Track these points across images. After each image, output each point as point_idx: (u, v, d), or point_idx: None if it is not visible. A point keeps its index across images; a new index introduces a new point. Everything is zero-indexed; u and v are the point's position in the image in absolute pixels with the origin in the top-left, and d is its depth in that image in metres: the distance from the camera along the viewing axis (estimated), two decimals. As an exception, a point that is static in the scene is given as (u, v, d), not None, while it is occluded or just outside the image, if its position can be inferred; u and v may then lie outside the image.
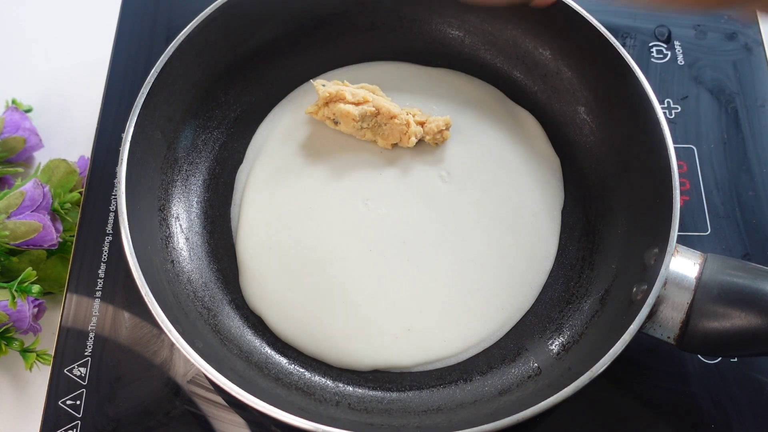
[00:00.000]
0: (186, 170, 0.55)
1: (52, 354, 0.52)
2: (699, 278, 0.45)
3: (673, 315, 0.45)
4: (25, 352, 0.52)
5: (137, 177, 0.49)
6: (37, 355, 0.52)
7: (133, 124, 0.49)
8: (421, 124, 0.56)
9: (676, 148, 0.48)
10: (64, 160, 0.58)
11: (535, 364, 0.50)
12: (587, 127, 0.56)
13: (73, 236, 0.56)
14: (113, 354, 0.52)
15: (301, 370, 0.50)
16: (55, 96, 0.66)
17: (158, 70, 0.51)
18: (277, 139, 0.57)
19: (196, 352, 0.43)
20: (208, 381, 0.51)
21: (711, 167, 0.59)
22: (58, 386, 0.50)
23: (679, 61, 0.64)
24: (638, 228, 0.50)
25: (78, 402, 0.50)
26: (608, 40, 0.52)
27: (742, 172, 0.59)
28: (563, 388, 0.42)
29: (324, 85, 0.56)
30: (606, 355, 0.42)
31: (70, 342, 0.52)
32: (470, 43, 0.60)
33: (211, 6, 0.53)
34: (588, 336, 0.49)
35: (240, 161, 0.57)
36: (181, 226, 0.53)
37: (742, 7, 0.50)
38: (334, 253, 0.53)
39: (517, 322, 0.52)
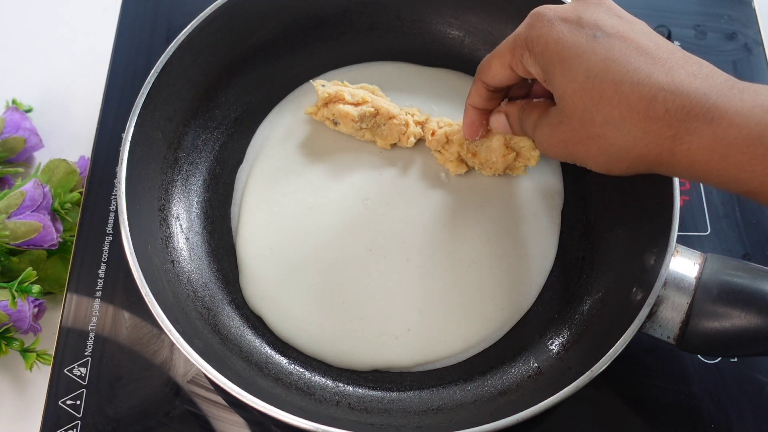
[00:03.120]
0: (186, 170, 0.55)
1: (52, 354, 0.52)
2: (699, 278, 0.45)
3: (672, 315, 0.45)
4: (25, 352, 0.52)
5: (137, 177, 0.49)
6: (37, 355, 0.52)
7: (133, 124, 0.49)
8: (421, 124, 0.56)
9: (676, 148, 0.48)
10: (64, 160, 0.58)
11: (535, 364, 0.50)
12: (587, 127, 0.56)
13: (73, 236, 0.56)
14: (113, 354, 0.52)
15: (301, 370, 0.50)
16: (55, 96, 0.66)
17: (158, 70, 0.51)
18: (277, 139, 0.57)
19: (196, 352, 0.43)
20: (208, 381, 0.51)
21: (711, 167, 0.59)
22: (58, 386, 0.50)
23: (679, 61, 0.64)
24: (638, 228, 0.50)
25: (78, 402, 0.50)
26: (608, 40, 0.52)
27: (742, 172, 0.59)
28: (563, 388, 0.42)
29: (324, 86, 0.56)
30: (606, 355, 0.42)
31: (70, 342, 0.52)
32: (470, 43, 0.60)
33: (211, 6, 0.53)
34: (588, 336, 0.49)
35: (240, 161, 0.57)
36: (181, 226, 0.53)
37: None
38: (333, 252, 0.53)
39: (517, 322, 0.52)
